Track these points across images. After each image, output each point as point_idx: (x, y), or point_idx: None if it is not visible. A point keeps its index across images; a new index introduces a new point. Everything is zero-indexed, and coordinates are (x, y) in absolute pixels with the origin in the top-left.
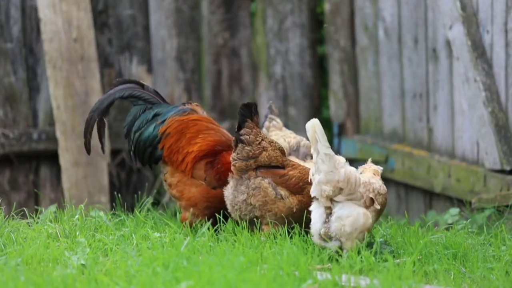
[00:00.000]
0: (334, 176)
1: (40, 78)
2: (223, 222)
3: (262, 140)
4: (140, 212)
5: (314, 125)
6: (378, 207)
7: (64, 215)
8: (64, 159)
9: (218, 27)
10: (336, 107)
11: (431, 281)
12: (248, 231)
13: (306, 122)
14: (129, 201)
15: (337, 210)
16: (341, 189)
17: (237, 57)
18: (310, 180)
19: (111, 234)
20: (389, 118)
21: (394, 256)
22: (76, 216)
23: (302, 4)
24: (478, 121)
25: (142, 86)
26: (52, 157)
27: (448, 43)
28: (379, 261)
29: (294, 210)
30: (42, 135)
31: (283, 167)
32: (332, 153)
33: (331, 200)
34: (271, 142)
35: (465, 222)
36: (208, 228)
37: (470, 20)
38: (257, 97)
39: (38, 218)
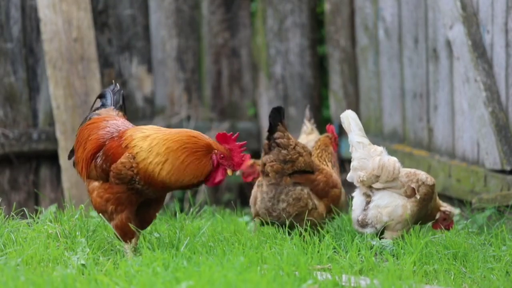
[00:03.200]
0: (367, 163)
1: (40, 78)
2: None
3: (296, 145)
4: None
5: (348, 116)
6: (418, 197)
7: (64, 215)
8: (64, 159)
9: (218, 27)
10: (336, 107)
11: (431, 281)
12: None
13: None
14: None
15: (376, 199)
16: (377, 176)
17: (237, 57)
18: (334, 183)
19: (111, 234)
20: (389, 118)
21: (394, 256)
22: (76, 216)
23: (302, 4)
24: (479, 121)
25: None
26: (52, 157)
27: (448, 43)
28: (379, 261)
29: (324, 215)
30: (42, 135)
31: (312, 172)
32: (366, 141)
33: (370, 187)
34: (303, 147)
35: (465, 222)
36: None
37: (471, 20)
38: (257, 97)
39: (38, 218)
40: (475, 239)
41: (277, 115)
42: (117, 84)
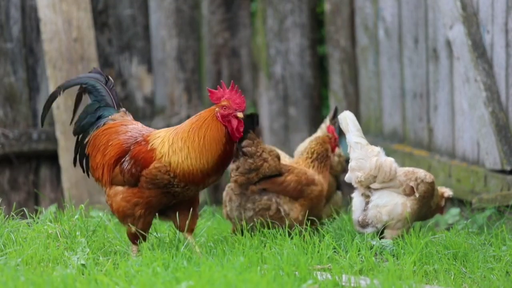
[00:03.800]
0: (364, 163)
1: (40, 78)
2: None
3: (263, 151)
4: None
5: (346, 117)
6: (417, 195)
7: (64, 215)
8: (64, 159)
9: (218, 27)
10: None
11: (431, 281)
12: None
13: (306, 122)
14: None
15: (375, 199)
16: (374, 177)
17: (237, 57)
18: (310, 180)
19: (111, 234)
20: (389, 118)
21: (394, 256)
22: (76, 216)
23: (302, 4)
24: (479, 121)
25: (106, 80)
26: (52, 157)
27: (448, 43)
28: (379, 261)
29: (300, 218)
30: (42, 135)
31: (280, 174)
32: (364, 142)
33: (369, 188)
34: (270, 152)
35: (465, 222)
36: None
37: (471, 20)
38: (257, 97)
39: (38, 218)
40: (475, 239)
41: (249, 122)
42: (109, 77)
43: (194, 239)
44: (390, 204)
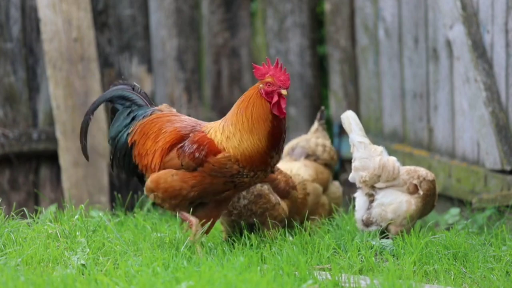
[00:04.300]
0: (368, 163)
1: (40, 78)
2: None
3: None
4: (139, 212)
5: (348, 117)
6: (421, 192)
7: (64, 215)
8: (64, 159)
9: (218, 27)
10: (336, 107)
11: (431, 281)
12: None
13: (306, 122)
14: (129, 201)
15: (380, 198)
16: (379, 176)
17: (237, 57)
18: (293, 184)
19: (111, 234)
20: (389, 118)
21: (394, 256)
22: (76, 216)
23: (302, 4)
24: (479, 121)
25: (132, 87)
26: (52, 157)
27: (448, 43)
28: (379, 261)
29: (287, 213)
30: (42, 135)
31: (273, 172)
32: (367, 141)
33: (373, 187)
34: None
35: (465, 222)
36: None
37: (471, 20)
38: None
39: (38, 218)
40: (475, 239)
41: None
42: (135, 84)
43: (202, 242)
44: (395, 202)
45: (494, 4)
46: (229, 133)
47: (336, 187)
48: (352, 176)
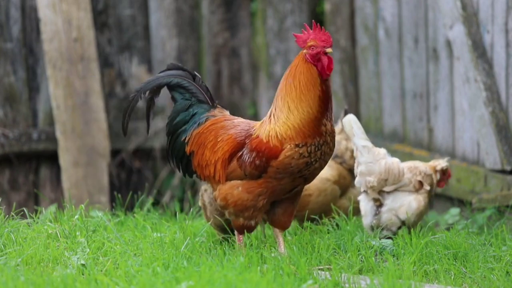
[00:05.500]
0: (374, 167)
1: (40, 78)
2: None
3: None
4: (139, 212)
5: (350, 120)
6: (428, 187)
7: (64, 215)
8: (64, 159)
9: (218, 27)
10: (336, 107)
11: (431, 281)
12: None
13: None
14: (129, 201)
15: (389, 203)
16: (385, 180)
17: (237, 57)
18: None
19: (111, 234)
20: (389, 118)
21: (394, 256)
22: (76, 216)
23: (302, 4)
24: (479, 121)
25: (193, 77)
26: (52, 157)
27: (448, 43)
28: (379, 261)
29: None
30: (42, 135)
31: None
32: (370, 145)
33: (380, 192)
34: None
35: (465, 222)
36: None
37: (471, 20)
38: (257, 97)
39: (38, 218)
40: (475, 239)
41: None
42: (196, 73)
43: (283, 238)
44: (405, 203)
45: (494, 4)
46: (278, 109)
47: (354, 194)
48: (358, 181)
